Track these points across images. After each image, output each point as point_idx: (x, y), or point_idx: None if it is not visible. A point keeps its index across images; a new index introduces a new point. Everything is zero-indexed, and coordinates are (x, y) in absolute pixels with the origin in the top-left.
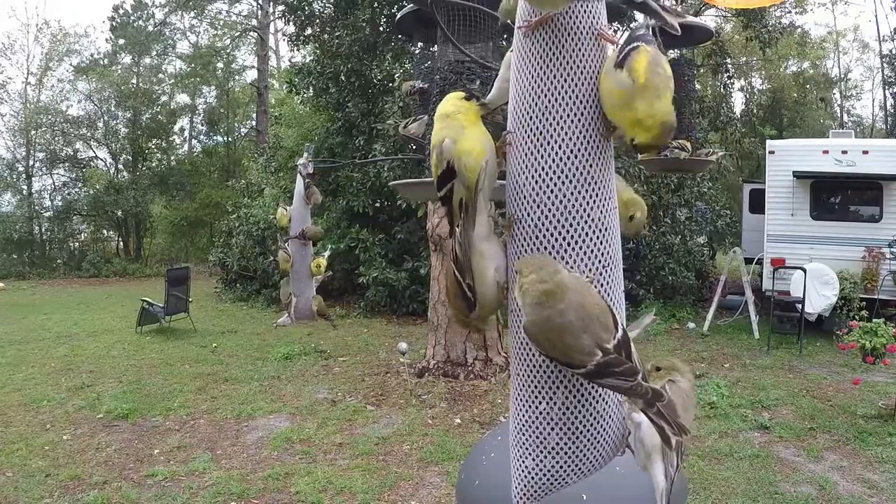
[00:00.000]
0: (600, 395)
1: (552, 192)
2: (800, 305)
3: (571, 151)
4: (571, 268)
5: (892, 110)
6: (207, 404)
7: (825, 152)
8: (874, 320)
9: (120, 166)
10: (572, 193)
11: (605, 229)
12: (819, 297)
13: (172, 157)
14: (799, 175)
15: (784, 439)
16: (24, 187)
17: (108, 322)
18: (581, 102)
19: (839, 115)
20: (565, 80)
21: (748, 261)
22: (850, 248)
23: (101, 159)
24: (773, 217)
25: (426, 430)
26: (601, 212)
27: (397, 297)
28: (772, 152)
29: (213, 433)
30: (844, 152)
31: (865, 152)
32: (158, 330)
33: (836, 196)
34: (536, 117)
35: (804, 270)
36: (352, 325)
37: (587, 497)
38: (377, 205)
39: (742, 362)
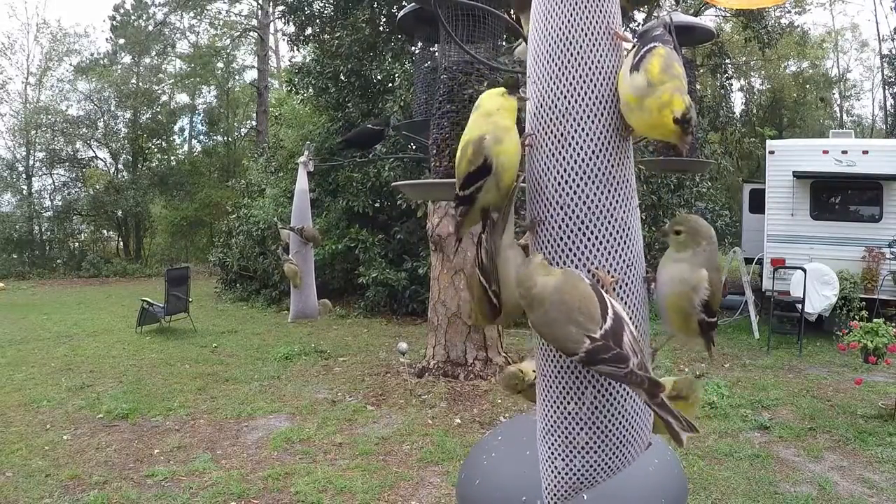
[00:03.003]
0: (628, 393)
1: (575, 193)
2: (800, 305)
3: (593, 152)
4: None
5: (892, 110)
6: (207, 404)
7: (825, 152)
8: (874, 320)
9: (120, 166)
10: (595, 194)
11: (628, 229)
12: (819, 297)
13: (172, 157)
14: (799, 175)
15: (784, 439)
16: (24, 187)
17: (108, 322)
18: (600, 102)
19: (839, 115)
20: (583, 81)
21: (748, 261)
22: (850, 248)
23: (101, 159)
24: (773, 217)
25: (426, 430)
26: (623, 212)
27: (397, 297)
28: (772, 152)
29: (213, 433)
30: (844, 152)
31: (865, 152)
32: (158, 330)
33: (836, 196)
34: (556, 118)
35: (804, 270)
36: (352, 325)
37: (588, 497)
38: (377, 205)
39: (742, 362)
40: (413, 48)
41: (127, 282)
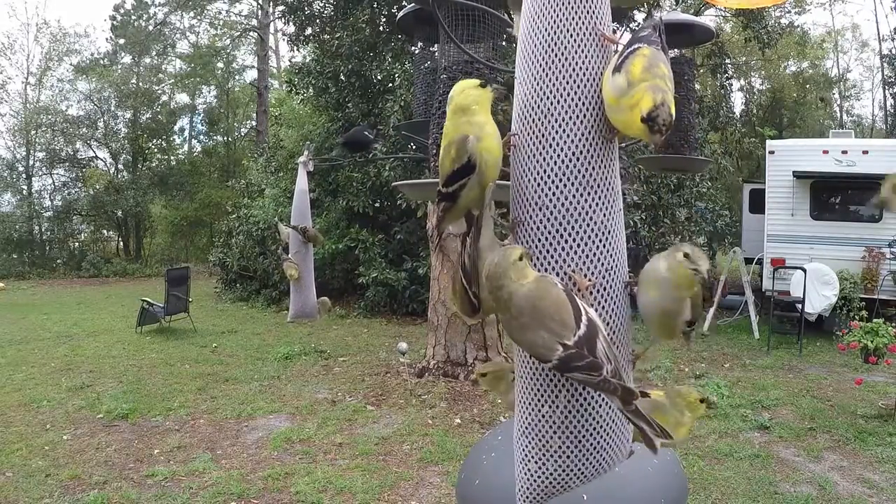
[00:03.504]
0: (604, 400)
1: (554, 194)
2: (800, 305)
3: (574, 154)
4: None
5: (892, 110)
6: (207, 404)
7: (825, 152)
8: (874, 320)
9: (120, 166)
10: (574, 196)
11: (609, 232)
12: (819, 297)
13: (172, 157)
14: (799, 175)
15: (784, 439)
16: (24, 187)
17: (108, 322)
18: (583, 104)
19: (839, 115)
20: (566, 82)
21: (748, 261)
22: (850, 248)
23: (101, 159)
24: (773, 217)
25: (426, 430)
26: (604, 214)
27: (397, 297)
28: (772, 152)
29: (213, 433)
30: (844, 152)
31: (865, 152)
32: (158, 330)
33: (836, 196)
34: (539, 119)
35: (804, 270)
36: (352, 325)
37: (588, 497)
38: (377, 205)
39: (742, 362)
40: (413, 48)
41: (127, 282)
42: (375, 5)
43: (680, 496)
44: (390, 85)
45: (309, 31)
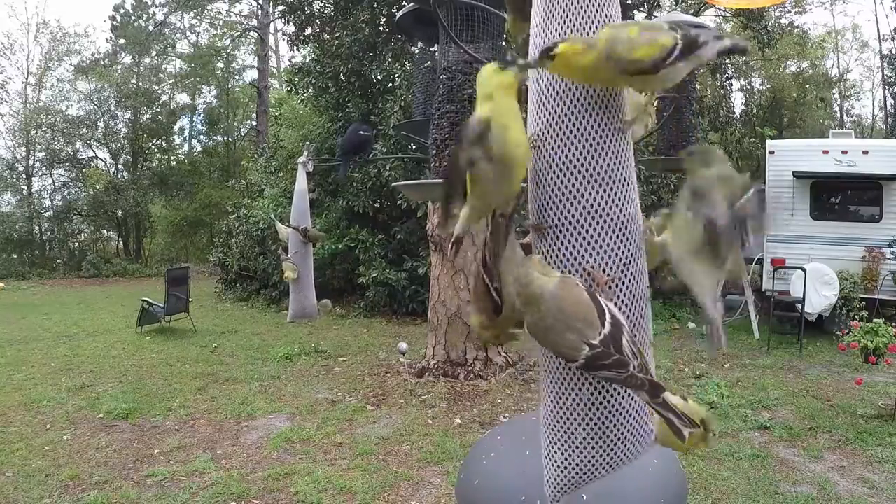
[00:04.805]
0: (626, 391)
1: (571, 191)
2: (800, 305)
3: (588, 151)
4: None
5: (892, 110)
6: (207, 404)
7: (825, 152)
8: (874, 320)
9: (120, 166)
10: (591, 193)
11: (625, 228)
12: (819, 297)
13: (172, 157)
14: (799, 175)
15: (784, 439)
16: (24, 187)
17: (108, 322)
18: (597, 101)
19: (839, 115)
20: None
21: (748, 261)
22: (850, 248)
23: (101, 159)
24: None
25: (426, 430)
26: (620, 210)
27: (397, 297)
28: (772, 152)
29: (213, 433)
30: (844, 152)
31: (865, 152)
32: (158, 330)
33: (836, 196)
34: (553, 117)
35: (804, 270)
36: (352, 325)
37: (588, 497)
38: (377, 205)
39: (742, 362)
40: (413, 48)
41: (127, 282)
42: (375, 5)
43: (680, 496)
44: (390, 85)
45: (309, 31)
